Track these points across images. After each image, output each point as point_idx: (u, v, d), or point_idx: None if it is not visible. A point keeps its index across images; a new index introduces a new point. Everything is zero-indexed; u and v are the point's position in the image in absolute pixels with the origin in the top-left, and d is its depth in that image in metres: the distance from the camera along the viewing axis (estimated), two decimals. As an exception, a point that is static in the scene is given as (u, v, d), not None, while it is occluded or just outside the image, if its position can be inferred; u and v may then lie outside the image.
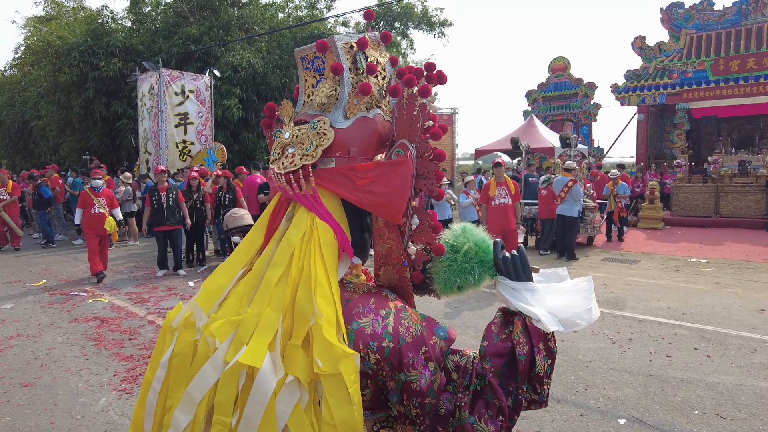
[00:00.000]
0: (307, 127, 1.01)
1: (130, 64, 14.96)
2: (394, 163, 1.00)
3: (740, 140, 16.53)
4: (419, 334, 0.92)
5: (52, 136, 18.47)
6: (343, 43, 1.05)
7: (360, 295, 0.96)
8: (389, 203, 0.98)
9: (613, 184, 10.70)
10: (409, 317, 0.94)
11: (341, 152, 1.00)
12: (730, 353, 4.46)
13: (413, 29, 17.30)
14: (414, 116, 1.02)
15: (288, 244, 0.96)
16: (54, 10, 20.82)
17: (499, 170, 7.26)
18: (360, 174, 0.98)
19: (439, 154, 1.04)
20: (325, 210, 0.98)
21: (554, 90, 20.86)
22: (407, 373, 0.90)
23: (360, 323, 0.91)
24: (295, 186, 0.99)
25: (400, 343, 0.90)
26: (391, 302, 0.96)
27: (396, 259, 1.02)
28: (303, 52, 1.10)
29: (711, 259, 8.75)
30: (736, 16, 14.88)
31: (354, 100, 1.03)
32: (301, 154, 1.00)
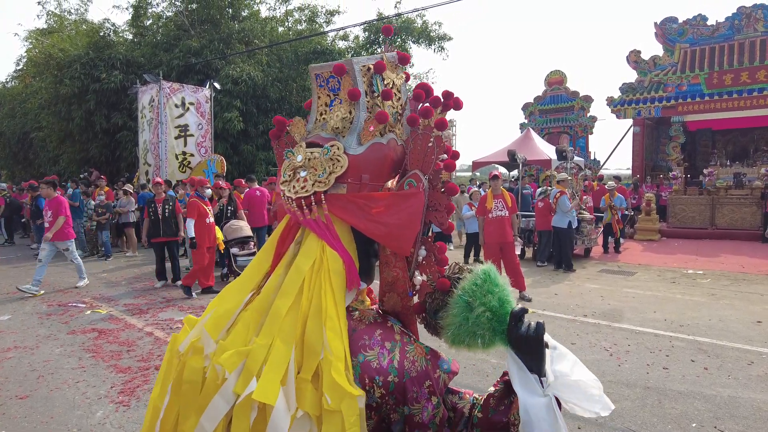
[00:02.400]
0: (321, 151, 1.00)
1: (131, 77, 15.08)
2: (405, 195, 0.98)
3: (735, 153, 16.68)
4: (423, 369, 0.92)
5: (53, 147, 18.53)
6: (360, 65, 1.04)
7: (366, 326, 0.96)
8: (397, 236, 0.97)
9: (610, 196, 10.76)
10: (414, 351, 0.94)
11: (353, 178, 0.99)
12: (728, 365, 4.47)
13: (413, 43, 17.47)
14: (429, 148, 1.01)
15: (298, 273, 0.94)
16: (56, 23, 21.01)
17: (495, 183, 7.31)
18: (372, 204, 0.97)
19: (451, 187, 1.02)
20: (337, 238, 0.97)
21: (551, 103, 21.06)
22: (411, 407, 0.90)
23: (366, 356, 0.91)
24: (306, 212, 0.98)
25: (404, 378, 0.90)
26: (397, 334, 0.96)
27: (401, 287, 1.01)
28: (318, 69, 1.09)
29: (707, 271, 8.79)
30: (729, 31, 15.11)
31: (369, 126, 1.02)
32: (313, 180, 0.98)
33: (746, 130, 16.66)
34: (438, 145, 1.01)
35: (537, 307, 6.50)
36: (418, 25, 16.89)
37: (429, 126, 1.03)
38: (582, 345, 5.05)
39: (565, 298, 7.01)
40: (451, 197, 1.03)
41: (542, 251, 9.58)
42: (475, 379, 4.26)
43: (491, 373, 4.38)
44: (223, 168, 12.26)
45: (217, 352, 0.91)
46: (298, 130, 1.10)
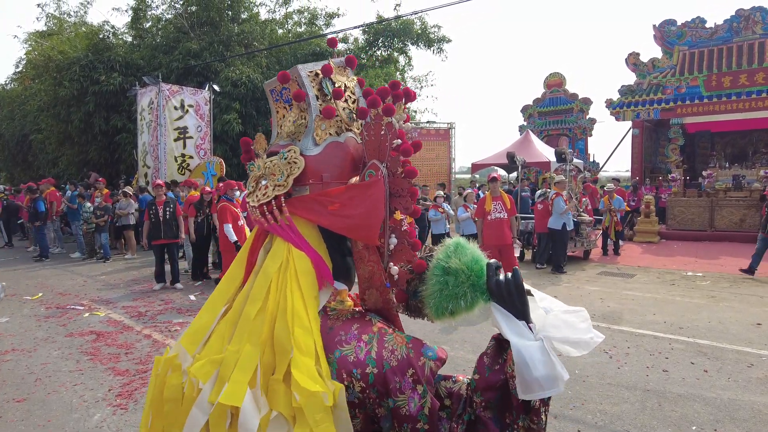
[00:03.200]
0: (278, 157, 1.02)
1: (130, 79, 15.08)
2: (365, 185, 0.98)
3: (734, 155, 16.70)
4: (405, 357, 0.89)
5: (52, 149, 18.53)
6: (307, 71, 1.06)
7: (343, 322, 0.95)
8: (362, 225, 0.96)
9: (609, 198, 10.76)
10: (393, 340, 0.92)
11: (314, 179, 1.00)
12: (727, 368, 4.47)
13: (412, 45, 17.49)
14: (381, 136, 1.01)
15: (265, 276, 0.95)
16: (55, 25, 21.03)
17: (494, 185, 7.31)
18: (332, 198, 0.97)
19: (410, 170, 1.02)
20: (301, 238, 0.97)
21: (550, 105, 21.08)
22: (395, 399, 0.87)
23: (342, 351, 0.90)
24: (269, 217, 0.99)
25: (384, 368, 0.88)
26: (374, 326, 0.94)
27: (378, 281, 1.00)
28: (271, 84, 1.11)
29: (707, 273, 8.79)
30: (728, 33, 15.14)
31: (321, 125, 1.03)
32: (273, 185, 1.00)
33: (745, 132, 16.68)
34: (390, 131, 1.01)
35: (536, 310, 6.49)
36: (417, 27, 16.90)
37: (378, 114, 1.03)
38: (581, 347, 5.03)
39: (565, 300, 6.93)
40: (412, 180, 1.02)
41: (541, 253, 9.57)
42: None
43: (490, 375, 4.37)
44: (222, 170, 12.25)
45: (194, 366, 0.92)
46: (260, 146, 1.12)
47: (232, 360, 0.89)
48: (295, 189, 1.01)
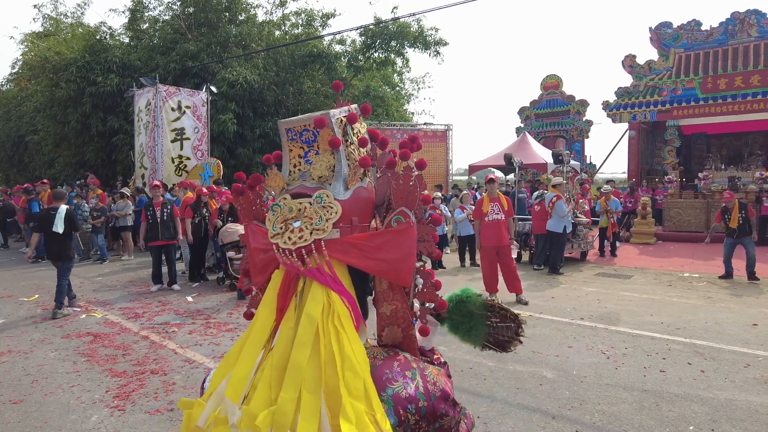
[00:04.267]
0: (313, 200, 1.05)
1: (127, 80, 15.05)
2: (399, 231, 1.05)
3: (730, 156, 16.78)
4: (444, 386, 1.02)
5: (48, 150, 18.46)
6: (335, 117, 1.11)
7: (383, 361, 1.02)
8: (399, 269, 1.03)
9: (605, 200, 10.80)
10: (432, 374, 1.03)
11: (345, 222, 1.04)
12: (724, 368, 4.48)
13: (409, 48, 17.50)
14: (411, 186, 1.09)
15: (309, 321, 0.97)
16: (52, 26, 20.99)
17: (491, 186, 7.32)
18: (371, 243, 1.02)
19: (436, 219, 1.13)
20: (339, 282, 1.01)
21: (547, 107, 21.14)
22: (441, 421, 0.99)
23: (393, 388, 0.97)
24: (308, 261, 1.01)
25: (432, 400, 0.98)
26: (413, 362, 1.04)
27: (402, 318, 1.07)
28: (289, 124, 1.13)
29: (703, 274, 8.82)
30: (723, 36, 15.23)
31: (354, 171, 1.09)
32: (311, 229, 1.02)
33: (740, 134, 16.76)
34: (420, 183, 1.10)
35: (534, 311, 6.50)
36: (413, 29, 16.92)
37: (409, 167, 1.12)
38: (579, 348, 5.05)
39: (562, 301, 7.02)
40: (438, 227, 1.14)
41: (539, 255, 9.59)
42: (473, 382, 4.25)
43: (488, 376, 4.37)
44: (219, 171, 12.24)
45: (244, 419, 0.91)
46: (275, 183, 1.15)
47: (288, 407, 0.89)
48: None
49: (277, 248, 1.04)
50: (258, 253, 1.11)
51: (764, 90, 13.56)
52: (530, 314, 6.34)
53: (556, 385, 4.14)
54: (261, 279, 1.13)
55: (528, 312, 6.44)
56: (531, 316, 6.28)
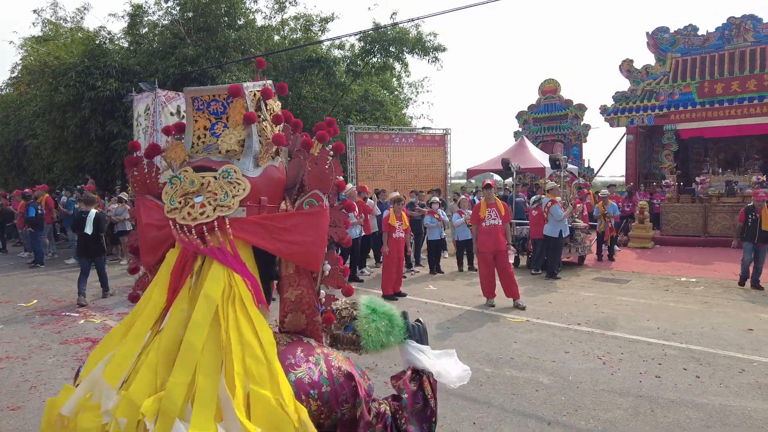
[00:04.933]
0: (218, 175, 0.97)
1: (126, 84, 15.09)
2: (313, 213, 1.01)
3: (727, 160, 16.84)
4: (348, 371, 0.99)
5: (47, 154, 18.48)
6: (249, 90, 1.06)
7: (285, 346, 0.97)
8: (309, 252, 1.00)
9: (603, 204, 10.84)
10: (336, 358, 1.00)
11: (252, 201, 0.97)
12: (719, 373, 4.51)
13: (407, 54, 17.56)
14: (327, 169, 1.06)
15: (208, 301, 0.88)
16: (52, 30, 21.04)
17: (489, 192, 7.36)
18: (278, 223, 0.97)
19: (348, 205, 1.11)
20: (242, 263, 0.94)
21: (545, 111, 21.21)
22: (341, 409, 0.96)
23: (296, 374, 0.93)
24: (209, 240, 0.93)
25: (335, 384, 0.95)
26: (317, 348, 1.00)
27: (307, 304, 1.04)
28: (197, 92, 1.06)
29: (700, 279, 8.85)
30: (719, 41, 15.31)
31: (265, 149, 1.03)
32: (214, 205, 0.94)
33: (737, 138, 16.83)
34: (335, 167, 1.07)
35: (531, 315, 6.53)
36: (412, 35, 16.99)
37: (326, 150, 1.08)
38: (575, 353, 5.07)
39: (559, 306, 7.04)
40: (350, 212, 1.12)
41: (536, 259, 9.62)
42: (470, 388, 4.27)
43: (485, 382, 4.39)
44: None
45: (121, 404, 0.81)
46: (176, 154, 1.06)
47: (177, 392, 0.80)
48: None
49: (174, 224, 0.95)
50: (151, 230, 1.00)
51: (761, 94, 13.64)
52: (527, 319, 6.37)
53: (552, 391, 4.16)
54: (151, 258, 1.02)
55: (525, 317, 6.47)
56: (528, 321, 6.31)
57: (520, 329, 5.97)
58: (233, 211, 0.94)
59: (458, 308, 7.03)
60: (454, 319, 6.47)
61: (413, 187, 14.74)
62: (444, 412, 3.83)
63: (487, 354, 5.09)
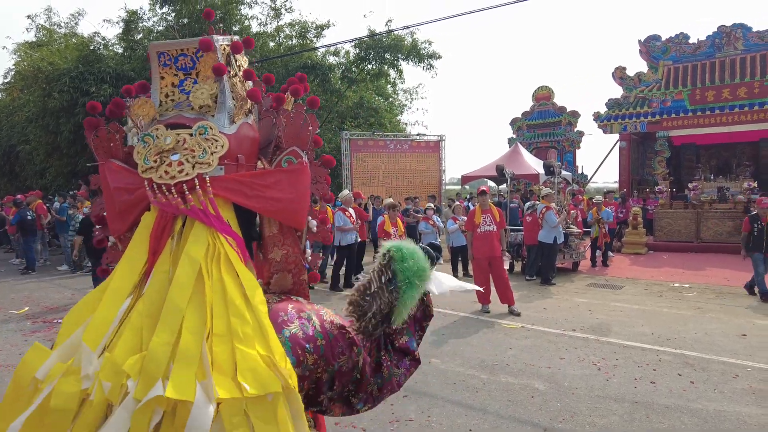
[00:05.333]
0: (194, 131, 0.93)
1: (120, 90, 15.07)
2: (292, 170, 0.99)
3: (718, 167, 17.00)
4: (340, 324, 0.99)
5: (39, 160, 18.36)
6: (219, 44, 1.01)
7: (275, 305, 0.95)
8: (293, 209, 0.98)
9: (597, 210, 10.90)
10: (327, 312, 1.00)
11: (230, 159, 0.94)
12: (713, 379, 4.53)
13: (402, 61, 17.66)
14: (302, 125, 1.03)
15: (190, 261, 0.85)
16: (45, 36, 20.97)
17: (483, 198, 7.38)
18: (262, 181, 0.95)
19: (327, 159, 1.10)
20: (224, 221, 0.91)
21: (538, 118, 21.36)
22: (338, 361, 0.96)
23: (290, 329, 0.91)
24: (189, 199, 0.89)
25: (330, 338, 0.95)
26: (307, 305, 0.99)
27: (294, 263, 1.02)
28: (163, 47, 1.01)
29: (693, 284, 8.91)
30: (710, 49, 15.51)
31: (240, 104, 0.99)
32: (193, 162, 0.90)
33: (729, 145, 17.02)
34: (311, 121, 1.04)
35: (526, 321, 6.53)
36: (407, 42, 17.10)
37: (300, 104, 1.07)
38: (570, 359, 5.08)
39: (554, 312, 7.06)
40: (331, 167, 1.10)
41: (531, 265, 9.64)
42: (465, 394, 4.26)
43: (481, 388, 4.39)
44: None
45: (105, 367, 0.78)
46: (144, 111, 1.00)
47: (161, 352, 0.78)
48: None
49: (150, 184, 0.90)
50: (121, 194, 0.94)
51: (751, 102, 13.81)
52: (522, 325, 6.38)
53: (548, 397, 4.16)
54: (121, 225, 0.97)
55: (520, 323, 6.48)
56: (523, 327, 6.31)
57: (516, 335, 5.98)
58: (212, 169, 0.91)
59: (453, 314, 7.03)
60: (450, 326, 6.47)
61: (408, 193, 14.77)
62: (440, 419, 3.83)
63: (482, 360, 5.09)
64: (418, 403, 4.08)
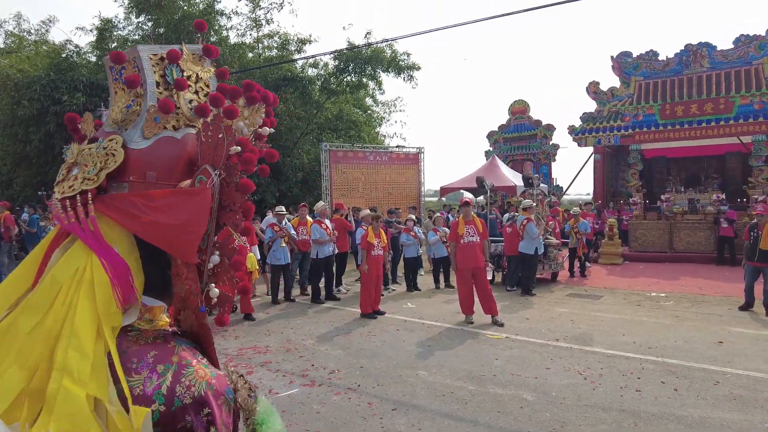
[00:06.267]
0: (95, 145, 0.90)
1: (95, 99, 14.71)
2: (189, 192, 0.87)
3: (688, 179, 17.57)
4: (203, 395, 0.81)
5: (6, 170, 17.74)
6: (150, 54, 0.95)
7: (140, 346, 0.84)
8: (178, 239, 0.85)
9: (575, 221, 11.09)
10: (192, 374, 0.82)
11: (137, 176, 0.88)
12: (696, 386, 4.61)
13: (383, 73, 17.81)
14: (219, 139, 0.90)
15: (52, 283, 0.80)
16: (14, 43, 20.40)
17: (467, 209, 7.42)
18: (150, 202, 0.85)
19: (244, 184, 0.91)
20: (105, 243, 0.83)
21: (514, 131, 21.72)
22: None
23: (130, 382, 0.79)
24: (71, 214, 0.85)
25: (174, 406, 0.79)
26: (176, 356, 0.84)
27: (194, 302, 0.89)
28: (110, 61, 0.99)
29: (669, 293, 9.11)
30: (678, 66, 16.10)
31: (154, 117, 0.92)
32: (82, 178, 0.87)
33: (697, 158, 17.63)
34: (228, 136, 0.90)
35: (510, 332, 6.55)
36: (387, 55, 17.25)
37: (218, 115, 0.92)
38: (556, 369, 5.10)
39: (536, 322, 7.10)
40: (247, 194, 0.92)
41: (511, 276, 9.72)
42: (455, 407, 4.22)
43: (470, 400, 4.36)
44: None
45: None
46: (88, 127, 1.00)
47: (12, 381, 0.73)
48: (112, 185, 0.88)
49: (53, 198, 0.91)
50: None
51: (717, 117, 14.35)
52: (507, 336, 6.39)
53: (537, 408, 4.16)
54: None
55: (504, 333, 6.49)
56: (507, 337, 6.33)
57: (501, 346, 5.98)
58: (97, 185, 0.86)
59: (438, 326, 7.00)
60: (435, 337, 6.43)
61: (388, 204, 14.79)
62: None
63: (469, 372, 5.07)
64: (408, 417, 4.02)
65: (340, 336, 6.53)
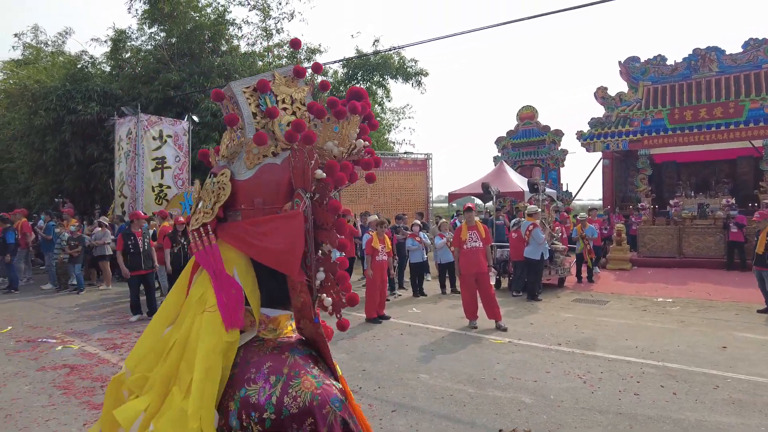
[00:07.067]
0: (211, 181, 1.00)
1: (108, 109, 15.06)
2: (287, 216, 0.93)
3: (698, 184, 17.44)
4: (307, 405, 0.86)
5: (24, 178, 18.18)
6: (242, 87, 1.01)
7: (259, 357, 0.93)
8: (283, 260, 0.92)
9: (582, 227, 11.09)
10: (299, 385, 0.88)
11: (246, 204, 0.97)
12: (695, 390, 4.63)
13: (391, 79, 17.98)
14: (305, 164, 0.95)
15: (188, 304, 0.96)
16: (32, 54, 20.95)
17: (469, 215, 7.51)
18: (257, 228, 0.94)
19: (333, 205, 0.96)
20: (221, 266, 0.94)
21: (523, 137, 21.73)
22: None
23: (247, 390, 0.88)
24: (198, 243, 0.97)
25: (283, 415, 0.85)
26: (287, 367, 0.91)
27: (308, 313, 0.97)
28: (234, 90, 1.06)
29: (676, 299, 9.08)
30: (687, 70, 16.04)
31: (253, 149, 0.98)
32: (203, 212, 0.99)
33: (707, 163, 17.49)
34: (311, 159, 0.95)
35: (513, 336, 6.61)
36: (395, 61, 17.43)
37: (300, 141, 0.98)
38: (556, 373, 5.15)
39: (541, 327, 7.14)
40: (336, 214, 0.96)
41: (517, 281, 9.76)
42: (453, 408, 4.30)
43: (468, 402, 4.43)
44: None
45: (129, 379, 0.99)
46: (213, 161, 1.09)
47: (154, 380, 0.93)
48: (229, 213, 0.98)
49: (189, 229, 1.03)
50: None
51: (727, 121, 14.26)
52: (509, 340, 6.45)
53: (534, 410, 4.22)
54: None
55: (507, 338, 6.55)
56: (510, 342, 6.38)
57: (503, 350, 6.04)
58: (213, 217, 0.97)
59: (442, 330, 7.08)
60: (438, 341, 6.51)
61: (396, 210, 14.89)
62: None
63: (470, 375, 5.14)
64: (407, 418, 4.11)
65: (345, 340, 6.64)
